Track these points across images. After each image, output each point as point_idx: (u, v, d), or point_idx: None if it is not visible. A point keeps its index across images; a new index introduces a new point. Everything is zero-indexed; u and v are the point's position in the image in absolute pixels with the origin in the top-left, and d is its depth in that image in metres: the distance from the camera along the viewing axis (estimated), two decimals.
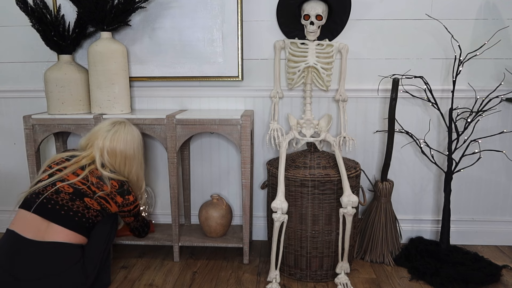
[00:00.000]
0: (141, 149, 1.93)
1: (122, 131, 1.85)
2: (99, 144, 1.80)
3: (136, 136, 1.90)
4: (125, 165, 1.84)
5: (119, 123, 1.88)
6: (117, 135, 1.83)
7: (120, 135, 1.83)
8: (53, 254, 1.60)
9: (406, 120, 2.33)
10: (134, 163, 1.88)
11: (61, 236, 1.63)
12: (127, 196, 1.81)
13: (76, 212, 1.68)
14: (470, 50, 2.19)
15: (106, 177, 1.75)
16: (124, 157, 1.83)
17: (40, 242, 1.60)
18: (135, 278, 2.09)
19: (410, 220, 2.45)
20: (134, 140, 1.87)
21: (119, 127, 1.85)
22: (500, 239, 2.43)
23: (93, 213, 1.72)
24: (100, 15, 2.05)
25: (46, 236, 1.61)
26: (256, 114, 2.38)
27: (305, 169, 2.02)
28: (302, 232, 2.03)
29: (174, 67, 2.31)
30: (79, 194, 1.70)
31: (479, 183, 2.40)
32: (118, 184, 1.78)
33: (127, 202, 1.81)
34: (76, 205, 1.68)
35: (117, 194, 1.77)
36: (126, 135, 1.84)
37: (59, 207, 1.66)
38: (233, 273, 2.13)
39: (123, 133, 1.84)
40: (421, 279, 2.04)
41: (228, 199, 2.49)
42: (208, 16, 2.25)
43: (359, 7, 2.23)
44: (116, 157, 1.82)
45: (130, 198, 1.82)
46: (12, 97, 2.45)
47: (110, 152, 1.80)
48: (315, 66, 2.14)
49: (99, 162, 1.78)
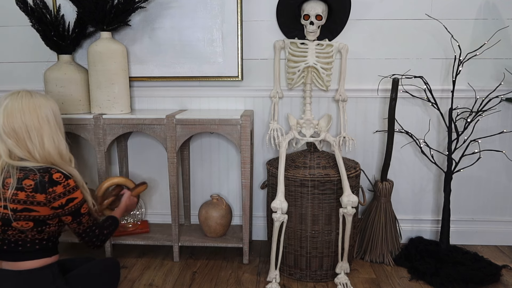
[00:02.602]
0: (52, 117, 1.50)
1: (16, 100, 1.44)
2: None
3: (39, 102, 1.48)
4: (31, 140, 1.44)
5: (12, 93, 1.48)
6: (10, 108, 1.43)
7: (14, 106, 1.43)
8: (20, 282, 1.41)
9: (406, 120, 2.33)
10: (45, 135, 1.46)
11: (19, 266, 1.43)
12: (52, 188, 1.41)
13: (16, 242, 1.43)
14: (470, 50, 2.19)
15: (16, 178, 1.40)
16: (26, 132, 1.43)
17: (3, 270, 1.43)
18: (135, 278, 2.09)
19: (410, 220, 2.45)
20: (35, 107, 1.46)
21: (11, 98, 1.45)
22: (500, 239, 2.43)
23: (32, 232, 1.43)
24: (100, 15, 2.05)
25: (7, 267, 1.44)
26: (256, 114, 2.38)
27: (305, 169, 2.02)
28: (302, 232, 2.03)
29: (174, 67, 2.31)
30: (5, 221, 1.40)
31: (479, 183, 2.40)
32: (33, 179, 1.40)
33: (54, 195, 1.41)
34: (12, 235, 1.42)
35: (35, 192, 1.39)
36: (21, 104, 1.44)
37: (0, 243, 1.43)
38: (233, 273, 2.13)
39: (17, 103, 1.44)
40: (421, 279, 2.04)
41: (228, 199, 2.49)
42: (208, 16, 2.25)
43: (359, 7, 2.23)
44: (18, 135, 1.42)
45: (57, 190, 1.41)
46: None
47: (9, 132, 1.42)
48: (315, 66, 2.14)
49: (5, 152, 1.43)
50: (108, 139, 2.13)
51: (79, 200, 1.48)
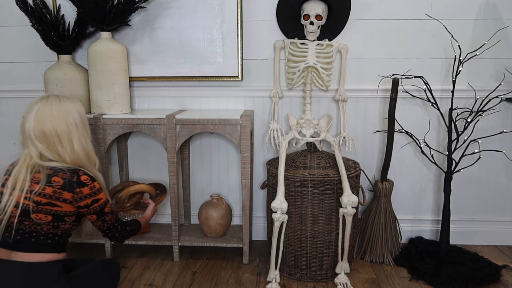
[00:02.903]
0: (80, 121, 1.58)
1: (46, 106, 1.52)
2: (27, 131, 1.51)
3: (67, 107, 1.55)
4: (62, 145, 1.52)
5: (41, 98, 1.55)
6: (41, 113, 1.50)
7: (45, 111, 1.51)
8: (26, 274, 1.44)
9: (406, 120, 2.33)
10: (74, 138, 1.54)
11: (28, 258, 1.46)
12: (79, 188, 1.49)
13: (30, 233, 1.48)
14: (470, 50, 2.19)
15: (45, 175, 1.48)
16: (56, 136, 1.51)
17: (11, 261, 1.45)
18: (135, 278, 2.09)
19: (410, 220, 2.45)
20: (63, 112, 1.53)
21: (41, 103, 1.53)
22: (500, 239, 2.43)
23: (47, 226, 1.48)
24: (100, 15, 2.05)
25: (16, 258, 1.47)
26: (256, 114, 2.38)
27: (305, 169, 2.02)
28: (302, 232, 2.03)
29: (174, 67, 2.31)
30: (24, 212, 1.46)
31: (479, 183, 2.40)
32: (62, 178, 1.48)
33: (80, 195, 1.50)
34: (27, 226, 1.47)
35: (63, 190, 1.48)
36: (51, 110, 1.51)
37: (14, 233, 1.48)
38: (233, 273, 2.13)
39: (48, 108, 1.51)
40: (421, 279, 2.04)
41: (228, 199, 2.49)
42: (208, 16, 2.25)
43: (359, 7, 2.23)
44: (48, 139, 1.50)
45: (83, 191, 1.50)
46: (12, 97, 2.45)
47: (39, 136, 1.49)
48: (315, 66, 2.14)
49: (36, 154, 1.50)
50: (108, 139, 2.13)
51: (103, 201, 1.57)
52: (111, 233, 1.67)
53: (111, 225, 1.65)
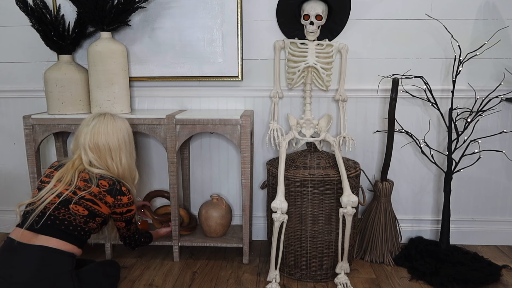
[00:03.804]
0: (128, 139, 1.82)
1: (102, 123, 1.76)
2: (81, 142, 1.73)
3: (119, 126, 1.79)
4: (112, 159, 1.74)
5: (99, 115, 1.79)
6: (97, 128, 1.74)
7: (100, 128, 1.74)
8: (43, 258, 1.54)
9: (406, 120, 2.33)
10: (123, 154, 1.77)
11: (50, 242, 1.56)
12: (120, 196, 1.70)
13: (62, 220, 1.60)
14: (470, 50, 2.19)
15: (94, 177, 1.67)
16: (108, 150, 1.73)
17: (31, 245, 1.54)
18: (135, 278, 2.09)
19: (410, 220, 2.45)
20: (116, 130, 1.77)
21: (99, 120, 1.77)
22: (500, 239, 2.43)
23: (80, 219, 1.62)
24: (100, 15, 2.05)
25: (36, 242, 1.56)
26: (256, 114, 2.38)
27: (305, 169, 2.02)
28: (302, 232, 2.03)
29: (174, 67, 2.31)
30: (65, 202, 1.61)
31: (479, 183, 2.40)
32: (108, 183, 1.68)
33: (119, 203, 1.70)
34: (62, 213, 1.60)
35: (107, 193, 1.67)
36: (106, 127, 1.75)
37: (46, 218, 1.59)
38: (233, 273, 2.13)
39: (103, 125, 1.75)
40: (421, 279, 2.04)
41: (228, 199, 2.49)
42: (208, 16, 2.25)
43: (359, 7, 2.23)
44: (100, 151, 1.72)
45: (123, 199, 1.71)
46: (12, 97, 2.45)
47: (93, 148, 1.71)
48: (315, 66, 2.14)
49: (86, 161, 1.71)
50: None
51: (133, 212, 1.79)
52: (129, 239, 1.88)
53: (132, 233, 1.86)
